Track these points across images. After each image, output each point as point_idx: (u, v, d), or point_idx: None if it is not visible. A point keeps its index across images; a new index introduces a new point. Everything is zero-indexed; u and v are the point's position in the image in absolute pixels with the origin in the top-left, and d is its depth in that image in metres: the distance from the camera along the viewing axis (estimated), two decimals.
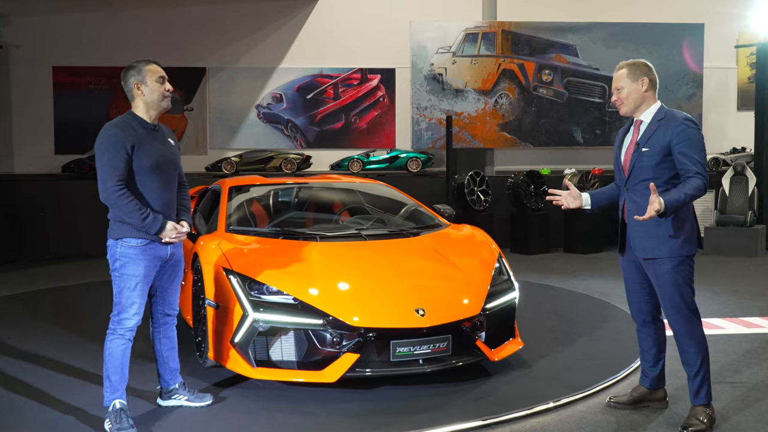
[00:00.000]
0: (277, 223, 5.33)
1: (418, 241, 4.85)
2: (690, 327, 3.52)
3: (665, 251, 3.48)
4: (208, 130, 12.15)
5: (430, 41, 11.93)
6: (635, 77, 3.57)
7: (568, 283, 8.01)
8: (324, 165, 12.00)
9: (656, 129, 3.52)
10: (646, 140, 3.54)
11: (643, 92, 3.57)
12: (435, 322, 4.00)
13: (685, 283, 3.50)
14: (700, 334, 3.54)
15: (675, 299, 3.51)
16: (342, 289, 4.17)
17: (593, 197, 3.85)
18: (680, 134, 3.42)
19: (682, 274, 3.49)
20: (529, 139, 12.16)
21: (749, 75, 12.53)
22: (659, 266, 3.51)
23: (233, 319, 4.09)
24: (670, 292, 3.51)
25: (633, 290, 3.77)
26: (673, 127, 3.45)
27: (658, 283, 3.56)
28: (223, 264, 4.30)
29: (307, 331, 3.99)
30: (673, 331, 3.59)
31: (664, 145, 3.46)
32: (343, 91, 12.22)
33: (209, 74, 12.08)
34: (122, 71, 3.62)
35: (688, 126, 3.43)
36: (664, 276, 3.51)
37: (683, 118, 3.47)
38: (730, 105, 12.71)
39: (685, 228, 3.48)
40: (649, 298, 3.72)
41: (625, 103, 3.61)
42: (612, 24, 12.12)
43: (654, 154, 3.49)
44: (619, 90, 3.62)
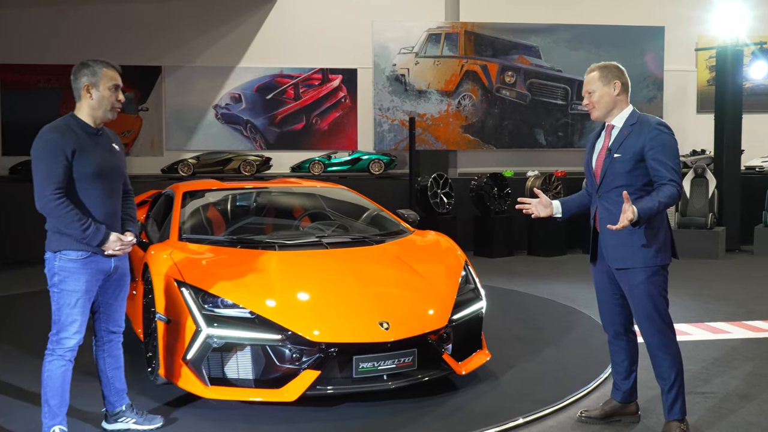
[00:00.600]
0: (234, 230, 5.08)
1: (382, 249, 4.66)
2: (664, 339, 3.39)
3: (638, 261, 3.34)
4: (164, 131, 11.78)
5: (393, 41, 11.76)
6: (607, 80, 3.43)
7: (533, 288, 7.91)
8: (284, 167, 11.74)
9: (628, 134, 3.38)
10: (618, 146, 3.40)
11: (615, 96, 3.43)
12: (400, 335, 3.81)
13: (659, 294, 3.37)
14: (675, 347, 3.41)
15: (648, 311, 3.38)
16: (302, 302, 3.95)
17: (564, 205, 3.70)
18: (653, 139, 3.29)
19: (655, 285, 3.36)
20: (492, 141, 12.07)
21: (708, 78, 12.65)
22: (632, 276, 3.37)
23: (185, 335, 3.84)
24: (643, 303, 3.38)
25: (605, 301, 3.63)
26: (646, 133, 3.32)
27: (631, 293, 3.42)
28: (174, 275, 4.04)
29: (265, 346, 3.76)
30: (647, 343, 3.46)
31: (637, 151, 3.33)
32: (303, 91, 11.97)
33: (165, 73, 11.71)
34: (75, 67, 3.33)
35: (662, 131, 3.30)
36: (637, 287, 3.37)
37: (656, 123, 3.34)
38: (690, 108, 12.81)
39: (659, 237, 3.35)
40: (622, 309, 3.58)
41: (597, 108, 3.47)
42: (574, 26, 12.11)
43: (626, 160, 3.35)
44: (590, 93, 3.48)
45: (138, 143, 11.73)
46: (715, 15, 11.52)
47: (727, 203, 10.71)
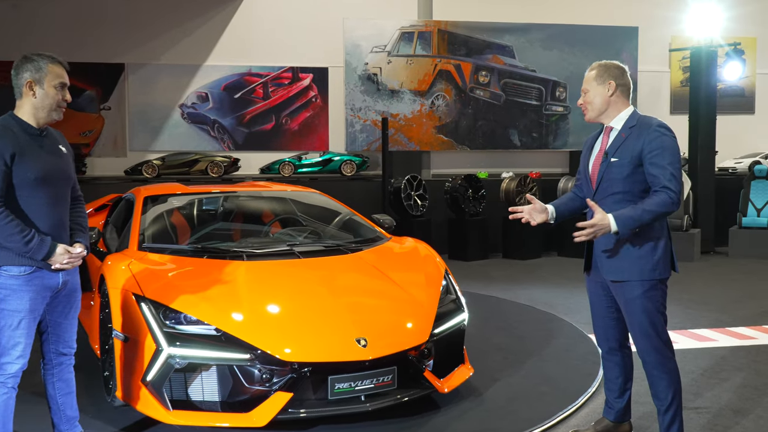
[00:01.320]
0: (199, 238, 4.75)
1: (358, 257, 4.37)
2: (660, 358, 3.17)
3: (635, 273, 3.12)
4: (127, 131, 11.36)
5: (365, 40, 11.48)
6: (602, 80, 3.20)
7: (510, 293, 7.70)
8: (253, 168, 11.39)
9: (627, 137, 3.15)
10: (615, 149, 3.17)
11: (608, 97, 3.21)
12: (379, 353, 3.53)
13: (656, 310, 3.15)
14: (672, 365, 3.19)
15: (644, 327, 3.15)
16: (272, 317, 3.65)
17: (557, 210, 3.45)
18: (652, 142, 3.07)
19: (653, 300, 3.13)
20: (466, 141, 11.86)
21: (682, 79, 12.61)
22: (628, 290, 3.15)
23: (144, 355, 3.51)
24: (639, 318, 3.15)
25: (599, 314, 3.40)
26: (646, 135, 3.09)
27: (626, 308, 3.20)
28: (133, 289, 3.71)
29: (232, 366, 3.45)
30: (642, 361, 3.23)
31: (635, 155, 3.10)
32: (273, 90, 11.64)
33: (128, 71, 11.29)
34: (16, 61, 3.00)
35: (663, 133, 3.08)
36: (633, 301, 3.15)
37: (657, 125, 3.11)
38: (663, 109, 12.75)
39: (658, 248, 3.12)
40: (617, 323, 3.36)
41: (590, 108, 3.25)
42: (548, 25, 11.96)
43: (624, 164, 3.12)
44: (585, 93, 3.26)
45: (100, 143, 11.29)
46: (690, 15, 11.47)
47: (701, 205, 10.65)
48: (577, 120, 12.16)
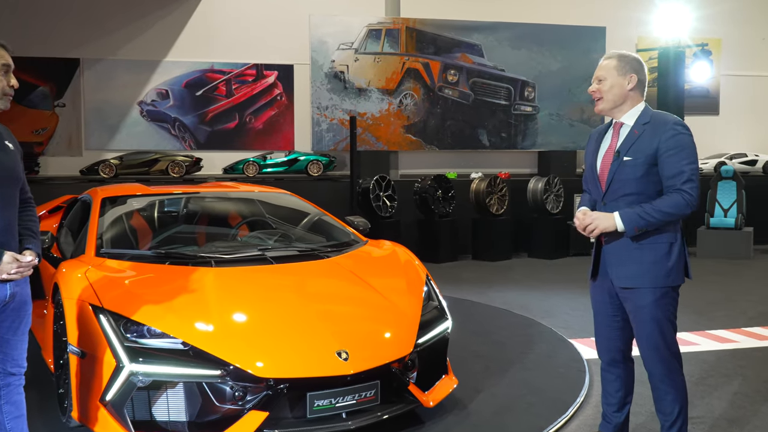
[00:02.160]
0: (162, 243, 4.43)
1: (334, 263, 4.11)
2: (668, 371, 2.98)
3: (647, 280, 2.91)
4: (83, 129, 10.87)
5: (331, 36, 11.20)
6: (623, 71, 3.00)
7: (485, 296, 7.51)
8: (216, 168, 11.01)
9: (641, 134, 2.95)
10: (627, 148, 2.97)
11: (627, 90, 3.01)
12: (361, 366, 3.27)
13: (666, 319, 2.95)
14: (680, 379, 3.00)
15: (653, 337, 2.95)
16: (244, 329, 3.36)
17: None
18: (669, 140, 2.87)
19: (663, 309, 2.94)
20: (434, 141, 11.66)
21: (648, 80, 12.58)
22: (639, 297, 2.94)
23: (103, 372, 3.19)
24: (648, 328, 2.95)
25: (603, 323, 3.18)
26: (661, 133, 2.89)
27: (635, 316, 2.99)
28: (89, 299, 3.39)
29: (201, 384, 3.16)
30: (649, 373, 3.04)
31: (650, 154, 2.90)
32: (236, 87, 11.28)
33: (84, 66, 10.80)
34: None
35: (679, 131, 2.88)
36: (642, 309, 2.95)
37: (674, 122, 2.91)
38: None
39: (672, 253, 2.92)
40: (622, 333, 3.15)
41: (605, 98, 3.03)
42: (517, 24, 11.84)
43: (638, 164, 2.92)
44: (601, 81, 3.04)
45: (54, 142, 10.78)
46: (657, 16, 11.46)
47: None
48: (545, 120, 12.06)
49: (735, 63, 12.86)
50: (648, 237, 2.93)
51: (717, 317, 6.37)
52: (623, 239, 2.97)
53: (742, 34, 12.89)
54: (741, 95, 12.93)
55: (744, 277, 8.63)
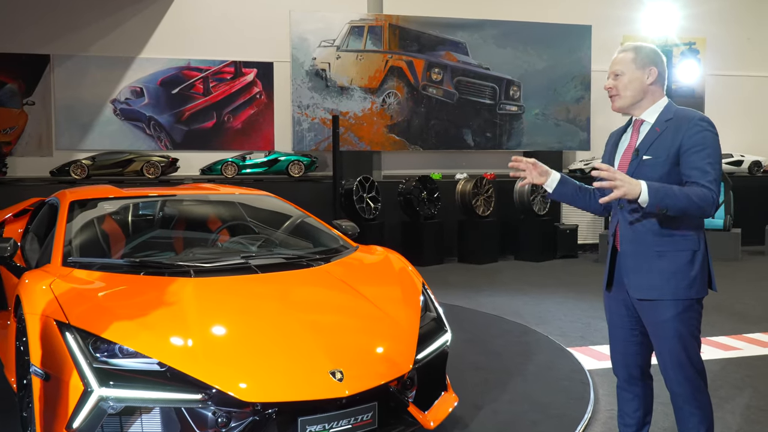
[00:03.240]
0: (136, 251, 4.09)
1: (324, 272, 3.80)
2: (693, 391, 2.72)
3: (668, 292, 2.65)
4: (53, 128, 10.43)
5: (312, 33, 10.87)
6: (642, 64, 2.73)
7: (474, 302, 7.25)
8: (193, 169, 10.63)
9: (662, 132, 2.69)
10: (648, 146, 2.70)
11: (647, 85, 2.74)
12: (357, 387, 2.97)
13: (690, 335, 2.69)
14: (706, 399, 2.74)
15: (677, 354, 2.69)
16: (228, 348, 3.04)
17: (561, 185, 2.94)
18: (693, 137, 2.60)
19: (687, 323, 2.68)
20: (418, 141, 11.39)
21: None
22: (660, 311, 2.68)
23: (70, 397, 2.85)
24: (670, 345, 2.69)
25: (620, 337, 2.92)
26: (685, 130, 2.63)
27: (655, 332, 2.73)
28: (55, 315, 3.05)
29: (180, 409, 2.83)
30: (671, 393, 2.78)
31: (673, 153, 2.63)
32: (214, 86, 10.91)
33: (54, 62, 10.37)
34: None
35: (704, 128, 2.62)
36: (664, 324, 2.68)
37: (698, 119, 2.65)
38: None
39: (695, 261, 2.66)
40: (640, 348, 2.88)
41: (622, 94, 2.77)
42: (502, 22, 11.60)
43: (659, 163, 2.65)
44: (618, 76, 2.77)
45: (23, 142, 10.34)
46: (644, 14, 11.29)
47: None
48: (530, 119, 11.85)
49: (720, 63, 12.75)
50: (669, 243, 2.67)
51: (716, 322, 6.17)
52: (642, 246, 2.71)
53: (728, 33, 12.79)
54: (726, 95, 12.82)
55: (737, 279, 8.46)
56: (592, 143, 12.10)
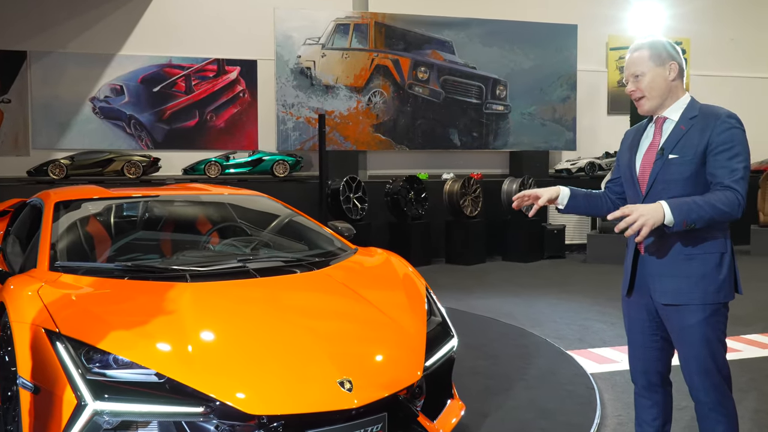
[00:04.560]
0: (126, 254, 3.90)
1: (325, 275, 3.65)
2: (720, 398, 2.61)
3: (696, 296, 2.54)
4: (30, 127, 10.13)
5: (297, 31, 10.70)
6: (661, 60, 2.61)
7: (465, 304, 7.14)
8: (175, 169, 10.39)
9: (688, 130, 2.57)
10: (673, 144, 2.58)
11: (670, 81, 2.62)
12: (367, 397, 2.82)
13: (717, 339, 2.59)
14: (732, 406, 2.64)
15: (703, 360, 2.58)
16: (231, 357, 2.88)
17: (572, 199, 2.86)
18: (721, 135, 2.49)
19: (714, 327, 2.57)
20: (404, 141, 11.26)
21: (618, 78, 12.44)
22: (686, 316, 2.57)
23: (62, 411, 2.68)
24: (696, 350, 2.58)
25: (639, 343, 2.81)
26: (713, 127, 2.51)
27: (680, 337, 2.62)
28: (44, 323, 2.87)
29: (180, 423, 2.67)
30: (696, 401, 2.67)
31: (700, 151, 2.52)
32: (196, 84, 10.68)
33: (31, 59, 10.08)
34: None
35: (732, 125, 2.50)
36: (690, 329, 2.57)
37: (726, 116, 2.53)
38: (601, 109, 12.56)
39: (723, 265, 2.56)
40: (661, 354, 2.77)
41: (649, 96, 2.63)
42: (489, 21, 11.52)
43: (686, 162, 2.54)
44: (638, 78, 2.63)
45: None
46: (631, 14, 11.27)
47: None
48: (517, 119, 11.78)
49: (704, 63, 12.79)
50: (697, 246, 2.57)
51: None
52: (668, 249, 2.60)
53: (712, 34, 12.83)
54: (710, 95, 12.82)
55: None
56: (578, 143, 12.07)
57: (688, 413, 3.83)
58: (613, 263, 9.57)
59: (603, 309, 6.82)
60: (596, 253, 10.04)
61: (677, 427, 3.61)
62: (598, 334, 5.83)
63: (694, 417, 3.71)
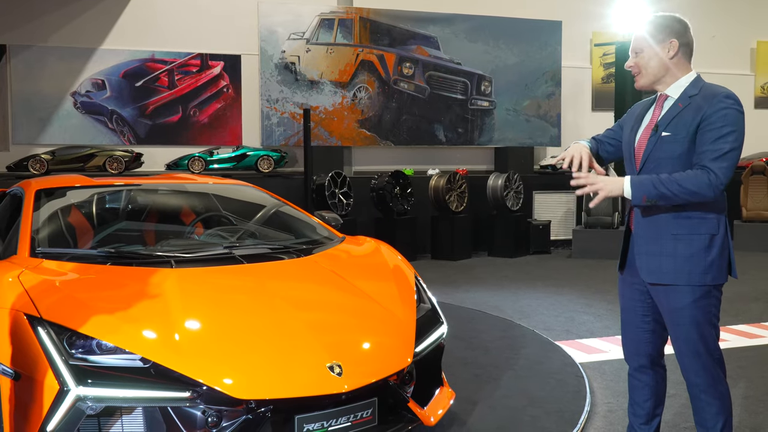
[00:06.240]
0: (110, 241, 3.83)
1: (313, 261, 3.60)
2: (711, 380, 2.60)
3: (683, 277, 2.52)
4: (10, 122, 9.98)
5: (282, 26, 10.62)
6: (661, 38, 2.59)
7: (452, 297, 7.11)
8: (158, 164, 10.28)
9: (685, 107, 2.55)
10: (668, 122, 2.56)
11: (668, 59, 2.60)
12: (357, 382, 2.78)
13: (707, 322, 2.57)
14: (724, 388, 2.62)
15: (693, 342, 2.57)
16: (217, 341, 2.82)
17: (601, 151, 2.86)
18: (714, 114, 2.46)
19: (704, 311, 2.55)
20: (390, 137, 11.22)
21: (603, 75, 12.49)
22: (675, 297, 2.55)
23: (44, 397, 2.60)
24: (686, 332, 2.57)
25: (632, 323, 2.79)
26: (708, 106, 2.49)
27: (671, 319, 2.60)
28: (25, 308, 2.79)
29: (166, 408, 2.60)
30: (688, 383, 2.66)
31: (692, 130, 2.50)
32: (179, 78, 10.57)
33: (11, 53, 9.92)
34: None
35: (728, 105, 2.47)
36: (680, 311, 2.56)
37: (724, 95, 2.51)
38: (586, 105, 12.60)
39: (713, 246, 2.53)
40: (652, 335, 2.76)
41: (643, 73, 2.63)
42: (473, 17, 11.51)
43: (677, 140, 2.52)
44: (637, 53, 2.63)
45: None
46: (615, 10, 11.30)
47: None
48: (502, 115, 11.78)
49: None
50: (685, 226, 2.54)
51: None
52: (656, 228, 2.58)
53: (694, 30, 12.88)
54: None
55: None
56: (562, 139, 12.08)
57: (677, 400, 3.82)
58: (599, 258, 9.62)
59: (589, 302, 6.82)
60: (581, 248, 10.06)
61: (668, 413, 3.60)
62: (586, 326, 5.82)
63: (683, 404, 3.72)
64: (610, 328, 5.68)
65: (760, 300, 6.80)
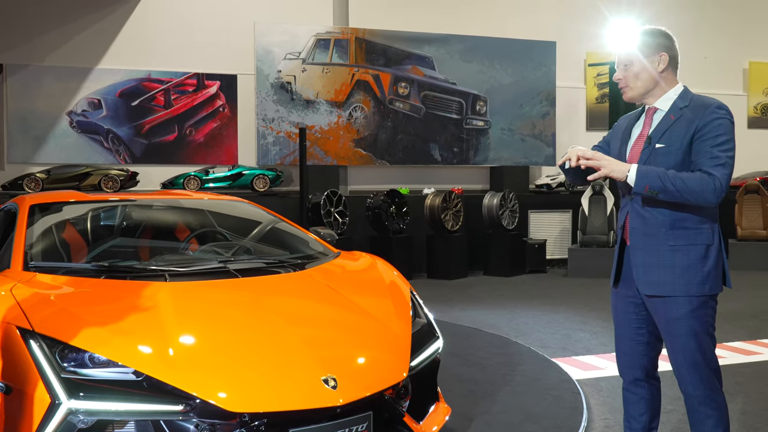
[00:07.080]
0: (103, 256, 3.81)
1: (307, 276, 3.58)
2: (709, 392, 2.58)
3: (680, 287, 2.52)
4: (5, 141, 9.98)
5: (278, 46, 10.69)
6: (651, 51, 2.61)
7: (448, 315, 7.09)
8: (154, 183, 10.28)
9: (677, 119, 2.56)
10: (661, 134, 2.58)
11: (657, 73, 2.62)
12: (353, 395, 2.75)
13: (705, 332, 2.56)
14: (721, 399, 2.61)
15: (690, 354, 2.55)
16: (211, 354, 2.79)
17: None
18: (707, 125, 2.49)
19: (701, 320, 2.55)
20: (385, 156, 11.25)
21: (597, 95, 12.58)
22: (672, 308, 2.55)
23: (34, 411, 2.57)
24: (683, 343, 2.56)
25: (626, 337, 2.78)
26: (701, 117, 2.51)
27: (667, 330, 2.59)
28: (17, 321, 2.77)
29: (158, 422, 2.57)
30: (685, 395, 2.64)
31: (687, 141, 2.52)
32: (175, 98, 10.60)
33: (7, 72, 9.95)
34: None
35: (721, 116, 2.49)
36: (677, 322, 2.55)
37: (716, 106, 2.53)
38: (580, 125, 12.67)
39: (709, 256, 2.54)
40: (647, 348, 2.75)
41: (632, 85, 2.64)
42: (468, 37, 11.60)
43: (672, 152, 2.53)
44: (626, 66, 2.65)
45: None
46: (608, 30, 11.40)
47: None
48: (497, 135, 11.83)
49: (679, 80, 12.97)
50: (682, 237, 2.55)
51: None
52: (653, 239, 2.58)
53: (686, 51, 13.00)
54: None
55: None
56: (557, 158, 12.12)
57: (674, 416, 3.80)
58: (595, 276, 9.61)
59: (585, 319, 6.80)
60: (577, 266, 10.05)
61: (665, 429, 3.57)
62: (582, 343, 5.80)
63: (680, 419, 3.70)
64: (607, 345, 5.66)
65: (757, 317, 6.79)
